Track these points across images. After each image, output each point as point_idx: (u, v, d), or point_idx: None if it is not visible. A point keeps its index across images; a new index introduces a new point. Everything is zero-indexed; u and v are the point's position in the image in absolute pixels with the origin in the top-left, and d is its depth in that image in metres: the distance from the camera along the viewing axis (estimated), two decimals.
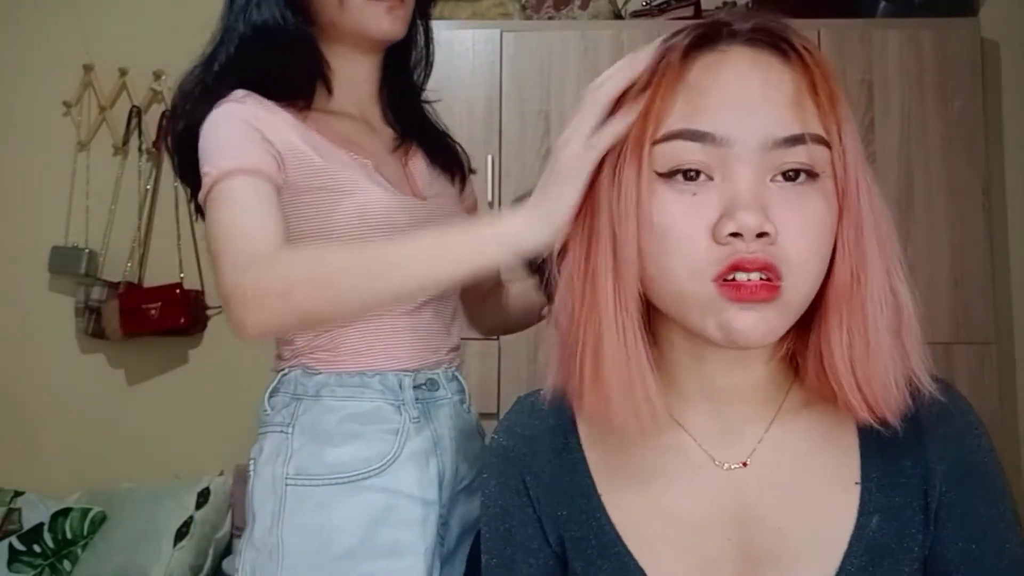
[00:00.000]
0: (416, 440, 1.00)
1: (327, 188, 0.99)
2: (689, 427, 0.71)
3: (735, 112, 0.61)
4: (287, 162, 0.97)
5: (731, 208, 0.60)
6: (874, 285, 0.63)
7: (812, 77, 0.62)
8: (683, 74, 0.63)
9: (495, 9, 2.34)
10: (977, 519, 0.67)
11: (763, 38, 0.63)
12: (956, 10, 2.22)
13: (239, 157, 0.92)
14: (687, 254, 0.61)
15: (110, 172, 2.59)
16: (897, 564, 0.66)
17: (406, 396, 1.01)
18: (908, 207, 2.15)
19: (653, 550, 0.69)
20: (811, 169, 0.61)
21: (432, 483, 1.00)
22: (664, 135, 0.62)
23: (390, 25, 1.05)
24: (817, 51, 0.63)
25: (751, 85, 0.61)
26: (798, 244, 0.60)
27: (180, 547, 2.15)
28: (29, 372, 2.59)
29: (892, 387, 0.63)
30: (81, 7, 2.62)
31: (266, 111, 0.98)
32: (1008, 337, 2.34)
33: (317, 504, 0.96)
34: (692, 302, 0.62)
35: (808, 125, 0.61)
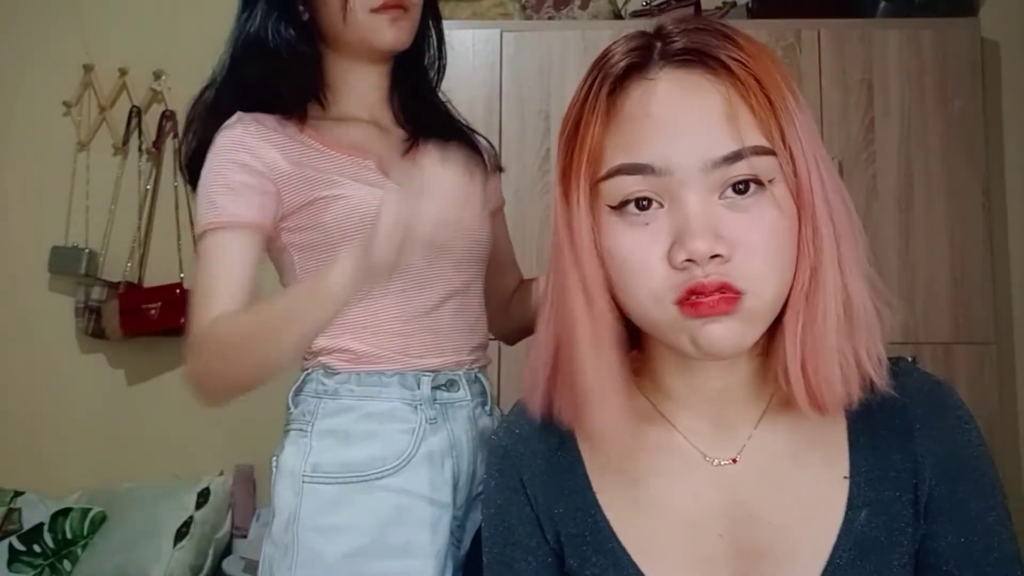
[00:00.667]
0: (432, 440, 1.01)
1: (322, 197, 1.01)
2: (680, 426, 0.72)
3: (670, 140, 0.62)
4: (280, 184, 1.01)
5: (681, 235, 0.61)
6: (827, 282, 0.63)
7: (746, 89, 0.62)
8: (616, 108, 0.64)
9: (495, 9, 2.34)
10: (967, 513, 0.67)
11: (692, 57, 0.63)
12: (956, 10, 2.22)
13: (219, 210, 0.99)
14: (646, 283, 0.63)
15: (110, 172, 2.59)
16: (887, 558, 0.67)
17: (423, 396, 1.02)
18: (908, 207, 2.15)
19: (647, 546, 0.70)
20: (757, 178, 0.62)
21: (447, 485, 1.01)
22: (607, 172, 0.63)
23: (395, 36, 1.05)
24: (749, 57, 0.63)
25: (683, 110, 0.62)
26: (753, 257, 0.61)
27: (180, 547, 2.15)
28: (29, 372, 2.59)
29: (836, 382, 0.65)
30: (81, 7, 2.62)
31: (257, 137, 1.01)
32: (1008, 337, 2.34)
33: (332, 501, 0.97)
34: (660, 324, 0.64)
35: (746, 138, 0.61)
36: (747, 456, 0.70)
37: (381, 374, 1.01)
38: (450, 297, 1.06)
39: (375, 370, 1.02)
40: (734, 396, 0.71)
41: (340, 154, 1.04)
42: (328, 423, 1.01)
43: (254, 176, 1.00)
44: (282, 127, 1.04)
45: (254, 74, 1.04)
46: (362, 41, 1.05)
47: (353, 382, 1.02)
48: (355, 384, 1.02)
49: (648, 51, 0.65)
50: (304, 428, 1.02)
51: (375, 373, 1.01)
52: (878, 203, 2.13)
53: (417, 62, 1.16)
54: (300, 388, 1.05)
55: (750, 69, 0.62)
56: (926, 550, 0.68)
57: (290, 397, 1.06)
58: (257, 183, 1.00)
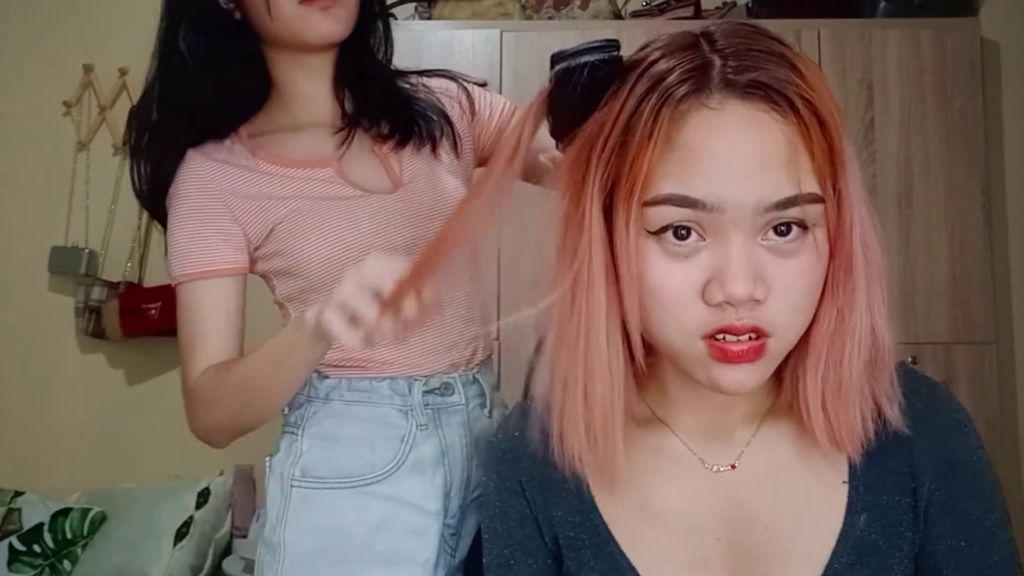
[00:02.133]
0: (423, 448, 0.99)
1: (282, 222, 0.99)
2: (680, 431, 0.72)
3: (726, 179, 0.59)
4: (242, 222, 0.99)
5: (722, 275, 0.59)
6: (856, 324, 0.63)
7: (809, 131, 0.60)
8: (674, 132, 0.60)
9: (495, 9, 2.34)
10: (966, 516, 0.67)
11: (759, 91, 0.59)
12: (956, 10, 2.22)
13: (187, 262, 0.99)
14: (677, 315, 0.61)
15: (110, 172, 2.59)
16: (886, 562, 0.67)
17: (414, 401, 1.00)
18: (908, 207, 2.14)
19: (645, 550, 0.70)
20: (803, 222, 0.60)
21: (437, 493, 0.99)
22: (654, 198, 0.60)
23: (328, 28, 0.97)
24: (813, 92, 0.60)
25: (743, 148, 0.59)
26: (786, 304, 0.61)
27: (180, 547, 2.15)
28: (29, 372, 2.59)
29: (857, 423, 0.65)
30: (81, 7, 2.62)
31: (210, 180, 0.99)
32: (1008, 337, 2.34)
33: (320, 506, 0.96)
34: (682, 355, 0.63)
35: (803, 184, 0.59)
36: (746, 462, 0.71)
37: (372, 379, 1.00)
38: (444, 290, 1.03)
39: (366, 375, 1.00)
40: (735, 404, 0.71)
41: (296, 170, 1.00)
42: (317, 427, 0.99)
43: (217, 220, 0.98)
44: (232, 155, 1.00)
45: (191, 89, 0.99)
46: (293, 36, 0.98)
47: (344, 387, 1.00)
48: (346, 389, 1.00)
49: (707, 71, 0.60)
50: (295, 431, 1.01)
51: (366, 378, 1.00)
52: (878, 203, 2.12)
53: (363, 48, 1.08)
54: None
55: (815, 109, 0.60)
56: (925, 553, 0.68)
57: None
58: (222, 227, 0.98)
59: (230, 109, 1.01)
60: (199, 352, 0.98)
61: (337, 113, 1.07)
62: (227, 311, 0.99)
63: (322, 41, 0.99)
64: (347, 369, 1.00)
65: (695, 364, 0.63)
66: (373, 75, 1.09)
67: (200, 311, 0.99)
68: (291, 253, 0.99)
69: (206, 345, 0.98)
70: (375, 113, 1.07)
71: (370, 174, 1.03)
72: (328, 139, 1.04)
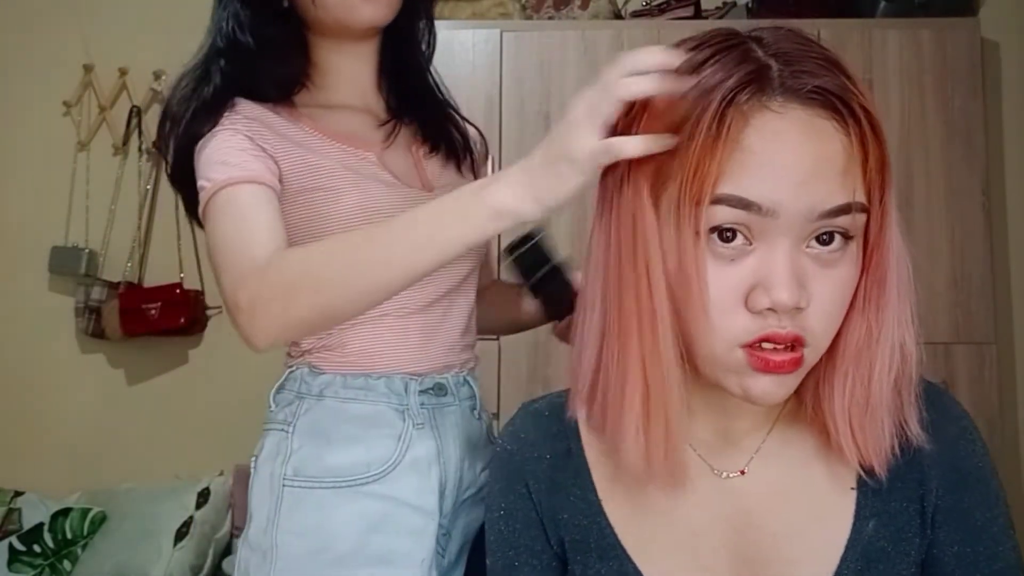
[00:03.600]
0: (418, 447, 0.98)
1: (323, 188, 0.97)
2: (690, 437, 0.72)
3: (784, 184, 0.58)
4: (283, 167, 0.96)
5: (768, 282, 0.59)
6: (886, 341, 0.63)
7: (865, 143, 0.60)
8: (735, 132, 0.58)
9: (495, 9, 2.34)
10: (972, 523, 0.68)
11: (820, 98, 0.59)
12: (956, 10, 2.22)
13: (234, 168, 0.91)
14: (719, 321, 0.60)
15: (110, 172, 2.59)
16: (894, 568, 0.67)
17: (411, 401, 0.99)
18: (908, 207, 2.14)
19: (652, 554, 0.70)
20: (847, 232, 0.60)
21: (432, 493, 0.98)
22: (709, 198, 0.59)
23: (372, 12, 0.98)
24: (873, 108, 0.60)
25: (803, 155, 0.58)
26: (825, 314, 0.60)
27: (180, 547, 2.15)
28: (29, 372, 2.59)
29: (884, 439, 0.65)
30: (81, 7, 2.62)
31: (259, 121, 0.97)
32: (1008, 337, 2.34)
33: (313, 507, 0.95)
34: (719, 362, 0.62)
35: (854, 194, 0.60)
36: (755, 468, 0.70)
37: (368, 376, 0.99)
38: (445, 294, 1.03)
39: (362, 372, 0.99)
40: (746, 411, 0.70)
41: (339, 144, 1.00)
42: (310, 425, 0.97)
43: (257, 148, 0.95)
44: (277, 116, 1.00)
45: (238, 68, 0.99)
46: (337, 21, 0.99)
47: (339, 384, 0.98)
48: (340, 386, 0.98)
49: (766, 74, 0.59)
50: (285, 429, 0.98)
51: (361, 375, 0.99)
52: None
53: (407, 37, 1.09)
54: (282, 386, 1.01)
55: (872, 119, 0.60)
56: (931, 558, 0.68)
57: (271, 395, 1.02)
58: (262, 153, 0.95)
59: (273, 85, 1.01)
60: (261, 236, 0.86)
61: (378, 101, 1.08)
62: (275, 213, 0.91)
63: (364, 25, 1.00)
64: (342, 364, 1.00)
65: (729, 372, 0.62)
66: (413, 68, 1.10)
67: (255, 208, 0.89)
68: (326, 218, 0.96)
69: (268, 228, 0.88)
70: (413, 109, 1.08)
71: (404, 170, 1.04)
72: (369, 125, 1.05)
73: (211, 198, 0.90)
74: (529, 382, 2.11)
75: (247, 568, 0.96)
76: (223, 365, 2.48)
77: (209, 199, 0.91)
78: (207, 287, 2.50)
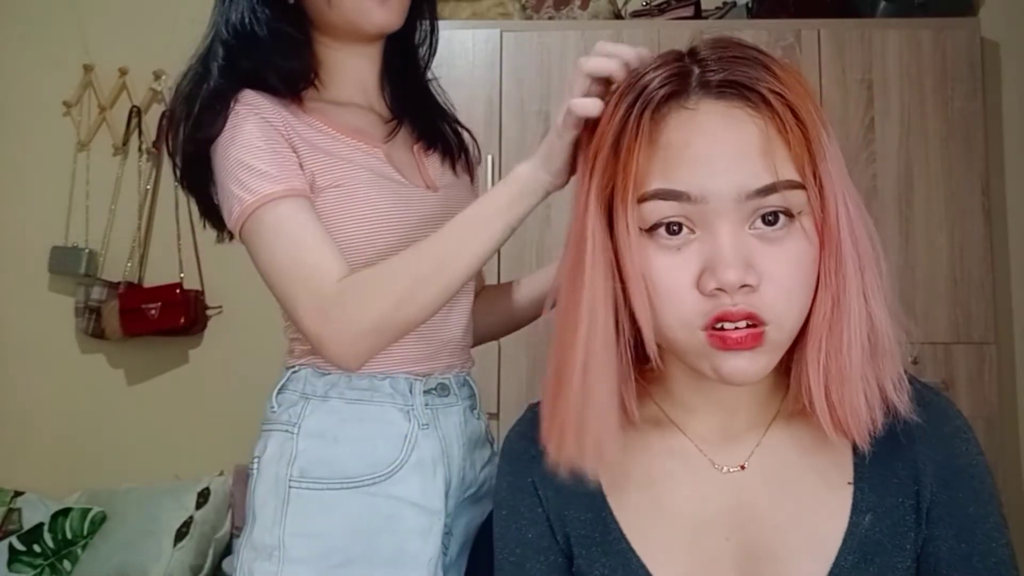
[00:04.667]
0: (424, 447, 0.98)
1: (337, 185, 0.97)
2: (690, 433, 0.74)
3: (707, 170, 0.63)
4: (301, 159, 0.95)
5: (713, 263, 0.62)
6: (851, 312, 0.65)
7: (783, 123, 0.63)
8: (656, 134, 0.64)
9: (495, 9, 2.34)
10: (966, 520, 0.69)
11: (732, 90, 0.64)
12: (956, 10, 2.22)
13: (275, 179, 0.91)
14: (675, 307, 0.64)
15: (110, 172, 2.59)
16: (890, 561, 0.69)
17: (416, 401, 0.99)
18: (908, 207, 2.14)
19: (656, 549, 0.72)
20: (787, 210, 0.63)
21: (438, 492, 0.98)
22: (643, 195, 0.64)
23: (384, 17, 1.00)
24: (787, 89, 0.64)
25: (722, 141, 0.63)
26: (779, 289, 0.63)
27: (180, 547, 2.15)
28: (29, 372, 2.60)
29: (862, 410, 0.66)
30: (81, 7, 2.63)
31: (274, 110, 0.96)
32: (1008, 337, 2.34)
33: (320, 508, 0.94)
34: (685, 347, 0.65)
35: (780, 172, 0.63)
36: (755, 462, 0.72)
37: (373, 377, 0.98)
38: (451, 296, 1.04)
39: (366, 372, 0.98)
40: (744, 405, 0.73)
41: (350, 139, 1.00)
42: (316, 425, 0.97)
43: (285, 147, 0.94)
44: (286, 108, 0.99)
45: (244, 62, 0.99)
46: (349, 24, 1.00)
47: (344, 384, 0.98)
48: (345, 387, 0.98)
49: (686, 78, 0.65)
50: (290, 429, 0.97)
51: (366, 376, 0.98)
52: (878, 203, 2.13)
53: (408, 42, 1.11)
54: (285, 387, 1.01)
55: (787, 102, 0.63)
56: (926, 555, 0.70)
57: (273, 395, 1.01)
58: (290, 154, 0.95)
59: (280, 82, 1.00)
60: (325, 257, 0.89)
61: (380, 100, 1.09)
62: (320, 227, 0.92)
63: (376, 30, 1.02)
64: None
65: (698, 356, 0.65)
66: (411, 72, 1.12)
67: (308, 227, 0.91)
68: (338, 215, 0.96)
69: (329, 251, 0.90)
70: (412, 109, 1.09)
71: (408, 169, 1.05)
72: (374, 123, 1.06)
73: (250, 216, 0.90)
74: (529, 382, 2.11)
75: (250, 570, 0.95)
76: (223, 365, 2.48)
77: (248, 216, 0.91)
78: (207, 287, 2.50)
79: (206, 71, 1.00)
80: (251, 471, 0.99)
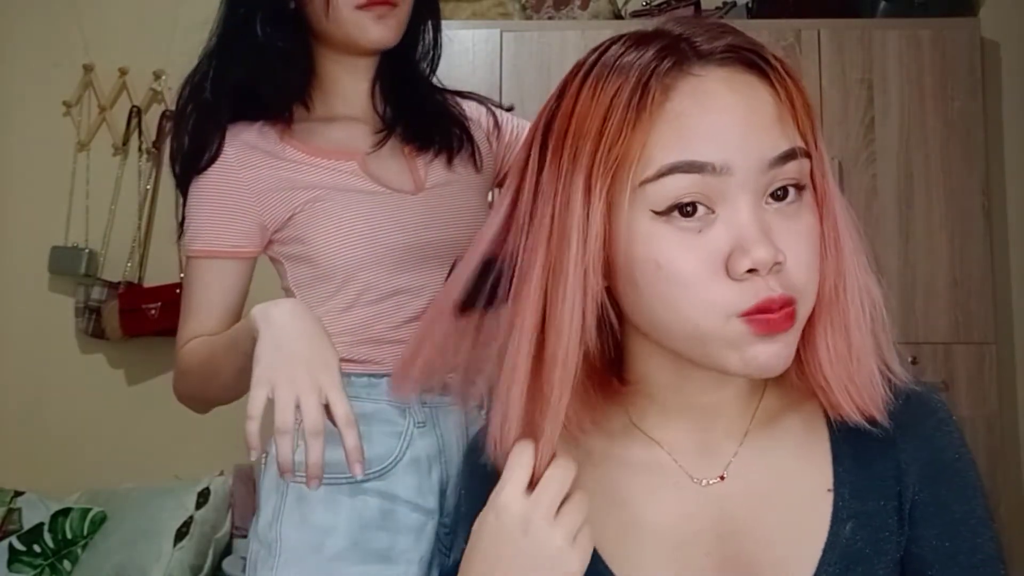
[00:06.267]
0: (420, 445, 0.99)
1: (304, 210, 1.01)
2: (666, 444, 0.70)
3: (729, 139, 0.58)
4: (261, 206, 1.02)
5: (742, 243, 0.58)
6: (852, 285, 0.63)
7: (788, 90, 0.61)
8: (663, 103, 0.59)
9: (495, 9, 2.34)
10: (951, 516, 0.67)
11: (734, 55, 0.60)
12: (956, 10, 2.22)
13: (203, 237, 1.04)
14: (703, 296, 0.59)
15: (110, 172, 2.59)
16: (872, 569, 0.66)
17: (412, 399, 1.00)
18: (908, 207, 2.14)
19: (633, 567, 0.68)
20: (799, 183, 0.61)
21: (433, 491, 0.99)
22: (658, 171, 0.58)
23: (380, 34, 1.01)
24: (786, 60, 0.62)
25: (736, 108, 0.59)
26: (803, 266, 0.60)
27: (180, 547, 2.15)
28: (29, 372, 2.60)
29: (875, 384, 0.64)
30: (81, 7, 2.62)
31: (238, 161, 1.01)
32: (1008, 337, 2.34)
33: (316, 502, 0.96)
34: (712, 340, 0.60)
35: (792, 139, 0.60)
36: (733, 473, 0.69)
37: (371, 376, 1.00)
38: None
39: (365, 372, 1.00)
40: (722, 412, 0.69)
41: (321, 160, 1.02)
42: None
43: (236, 205, 1.02)
44: (263, 140, 1.02)
45: (240, 71, 1.02)
46: (346, 37, 1.02)
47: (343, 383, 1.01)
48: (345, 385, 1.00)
49: (678, 47, 0.61)
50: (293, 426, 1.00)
51: (364, 375, 1.00)
52: (878, 203, 2.13)
53: (407, 56, 1.12)
54: None
55: (785, 67, 0.61)
56: (910, 555, 0.67)
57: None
58: (239, 212, 1.02)
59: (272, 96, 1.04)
60: (190, 323, 1.05)
61: (370, 109, 1.10)
62: (225, 291, 1.04)
63: (372, 47, 1.03)
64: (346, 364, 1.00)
65: (726, 348, 0.60)
66: (410, 83, 1.13)
67: (199, 286, 1.05)
68: (307, 240, 1.01)
69: (197, 318, 1.04)
70: (406, 118, 1.10)
71: (395, 173, 1.05)
72: (360, 133, 1.07)
73: (187, 261, 1.07)
74: None
75: (255, 561, 0.98)
76: None
77: (186, 260, 1.07)
78: None
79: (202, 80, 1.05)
80: (261, 467, 1.03)
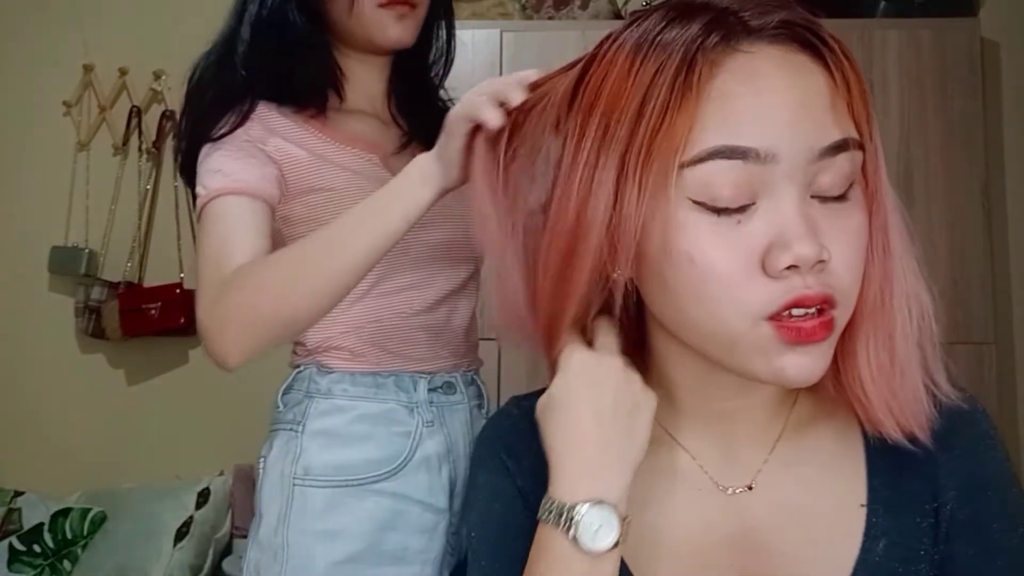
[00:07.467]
0: (429, 444, 0.99)
1: (324, 189, 0.99)
2: (691, 448, 0.67)
3: (777, 124, 0.53)
4: (284, 169, 0.98)
5: (784, 237, 0.53)
6: (900, 292, 0.58)
7: (844, 74, 0.55)
8: (712, 80, 0.53)
9: (495, 9, 2.34)
10: (989, 536, 0.63)
11: (787, 32, 0.54)
12: (956, 10, 2.21)
13: (226, 177, 0.94)
14: (736, 294, 0.54)
15: (110, 172, 2.59)
16: None
17: (420, 398, 1.00)
18: (908, 207, 2.09)
19: (651, 571, 0.66)
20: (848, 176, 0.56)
21: (443, 490, 0.99)
22: (699, 155, 0.53)
23: (399, 34, 1.03)
24: (844, 42, 0.56)
25: (789, 93, 0.53)
26: (846, 268, 0.55)
27: (180, 547, 2.15)
28: (29, 372, 2.59)
29: (919, 400, 0.60)
30: (81, 7, 2.62)
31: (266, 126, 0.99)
32: (1007, 337, 2.34)
33: (324, 506, 0.95)
34: (741, 343, 0.55)
35: (846, 129, 0.55)
36: (761, 484, 0.65)
37: (377, 375, 0.99)
38: (449, 296, 1.04)
39: (371, 371, 0.99)
40: (750, 418, 0.66)
41: (345, 147, 1.03)
42: (320, 423, 0.98)
43: (260, 154, 0.97)
44: (285, 116, 1.02)
45: (270, 62, 1.01)
46: (366, 35, 1.04)
47: (347, 382, 0.99)
48: (349, 384, 0.99)
49: (725, 19, 0.55)
50: (294, 428, 0.99)
51: (370, 374, 0.99)
52: None
53: (420, 58, 1.14)
54: (290, 386, 1.02)
55: (844, 49, 0.55)
56: (945, 573, 0.63)
57: (279, 395, 1.03)
58: (263, 159, 0.97)
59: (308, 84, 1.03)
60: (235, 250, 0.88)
61: (384, 107, 1.11)
62: (259, 225, 0.93)
63: (390, 45, 1.05)
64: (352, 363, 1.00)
65: (755, 353, 0.55)
66: (421, 86, 1.15)
67: (238, 220, 0.92)
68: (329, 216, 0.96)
69: (244, 246, 0.89)
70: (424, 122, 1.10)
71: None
72: (379, 130, 1.08)
73: (203, 208, 0.94)
74: (529, 382, 2.10)
75: (257, 568, 0.96)
76: None
77: (201, 209, 0.94)
78: None
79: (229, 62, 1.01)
80: (258, 471, 1.01)
